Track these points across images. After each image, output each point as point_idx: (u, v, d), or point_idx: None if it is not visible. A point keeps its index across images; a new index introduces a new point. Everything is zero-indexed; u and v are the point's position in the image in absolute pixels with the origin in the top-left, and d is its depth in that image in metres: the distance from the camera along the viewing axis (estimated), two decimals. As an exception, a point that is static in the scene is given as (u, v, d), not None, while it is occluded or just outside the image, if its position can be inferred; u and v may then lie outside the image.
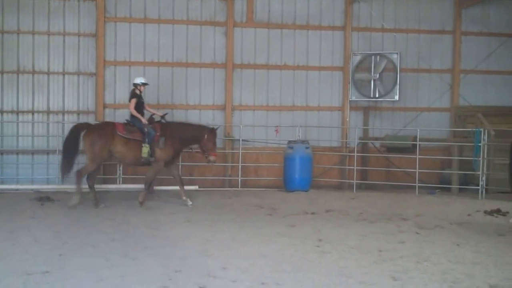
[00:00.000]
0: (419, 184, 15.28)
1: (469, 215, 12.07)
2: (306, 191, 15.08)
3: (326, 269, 7.54)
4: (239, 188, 15.78)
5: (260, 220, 11.19)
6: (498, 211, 12.16)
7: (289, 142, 15.64)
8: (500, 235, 10.02)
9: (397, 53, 17.12)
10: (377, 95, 17.12)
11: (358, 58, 17.16)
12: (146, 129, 12.61)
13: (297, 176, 15.22)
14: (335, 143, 17.31)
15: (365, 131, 17.27)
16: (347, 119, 17.31)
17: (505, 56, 18.08)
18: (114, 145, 12.53)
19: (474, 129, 15.36)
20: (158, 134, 12.66)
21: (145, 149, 12.55)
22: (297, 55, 17.14)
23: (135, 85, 13.09)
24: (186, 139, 12.95)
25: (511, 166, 11.29)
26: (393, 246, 8.97)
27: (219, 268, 7.47)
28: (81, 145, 12.67)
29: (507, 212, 12.10)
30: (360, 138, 16.98)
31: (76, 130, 12.70)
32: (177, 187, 13.33)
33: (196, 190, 14.89)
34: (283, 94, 17.05)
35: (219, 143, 14.95)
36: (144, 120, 12.81)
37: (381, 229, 10.35)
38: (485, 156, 14.77)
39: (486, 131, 14.88)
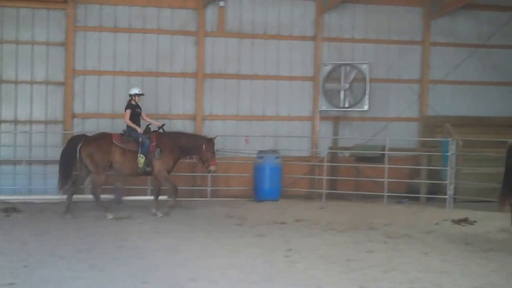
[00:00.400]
0: (388, 194, 15.38)
1: (437, 224, 12.18)
2: (275, 201, 15.08)
3: (295, 279, 7.52)
4: (209, 198, 15.71)
5: (230, 231, 11.15)
6: (465, 220, 12.29)
7: (259, 152, 15.65)
8: (467, 244, 10.11)
9: (367, 63, 17.27)
10: (347, 105, 17.24)
11: (328, 68, 17.28)
12: (140, 139, 12.61)
13: (267, 186, 15.23)
14: (305, 153, 17.36)
15: (335, 141, 17.38)
16: (317, 129, 17.41)
17: (473, 66, 18.37)
18: (113, 155, 12.57)
19: (442, 139, 15.54)
20: (153, 144, 12.66)
21: (141, 159, 12.59)
22: (268, 65, 17.20)
23: (130, 95, 13.12)
24: (183, 149, 13.08)
25: (505, 176, 11.27)
26: (362, 256, 8.99)
27: (188, 279, 7.40)
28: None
29: (475, 221, 12.23)
30: (330, 148, 17.06)
31: (73, 141, 12.76)
32: (146, 197, 13.28)
33: (164, 200, 14.79)
34: (253, 103, 17.09)
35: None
36: (139, 130, 12.80)
37: (350, 239, 10.37)
38: (453, 166, 14.94)
39: (454, 141, 15.06)
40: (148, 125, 13.12)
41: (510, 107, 18.69)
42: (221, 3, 16.65)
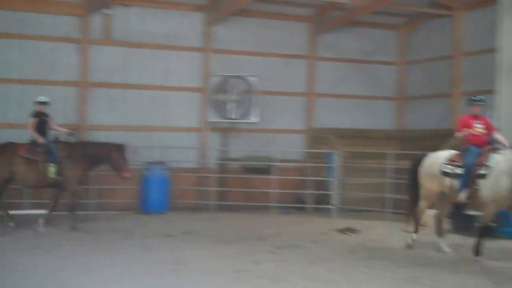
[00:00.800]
0: (276, 204, 15.56)
1: (323, 233, 12.45)
2: (163, 213, 14.84)
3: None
4: (93, 212, 15.12)
5: (115, 245, 10.80)
6: (349, 229, 12.65)
7: (146, 163, 15.34)
8: (351, 253, 10.38)
9: (255, 76, 17.44)
10: (236, 117, 17.29)
11: (217, 79, 17.28)
12: (47, 148, 12.25)
13: (154, 198, 14.99)
14: (194, 164, 17.22)
15: (224, 152, 17.38)
16: (206, 140, 17.33)
17: (356, 81, 19.05)
18: (15, 165, 12.11)
19: (328, 151, 15.94)
20: (62, 154, 12.33)
21: (51, 168, 12.21)
22: (156, 75, 16.94)
23: (36, 103, 12.77)
24: (93, 158, 12.79)
25: (410, 186, 11.65)
26: (250, 267, 8.99)
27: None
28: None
29: (359, 230, 12.61)
30: (219, 159, 17.04)
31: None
32: (24, 212, 12.66)
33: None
34: (141, 114, 16.73)
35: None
36: (41, 139, 12.37)
37: (238, 250, 10.37)
38: (338, 177, 15.35)
39: (339, 152, 15.48)
40: (57, 134, 12.84)
41: (390, 120, 19.56)
42: (107, 11, 16.23)
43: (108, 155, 12.84)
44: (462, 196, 10.17)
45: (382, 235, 12.22)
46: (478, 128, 10.43)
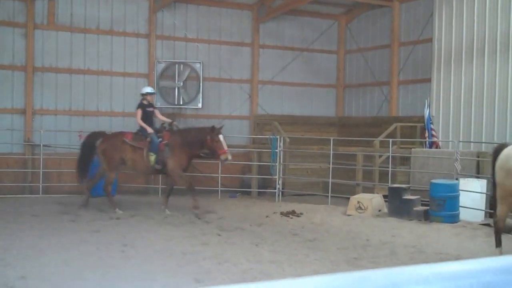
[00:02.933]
0: (221, 189, 15.87)
1: (267, 216, 12.75)
2: (112, 196, 14.89)
3: (130, 274, 7.55)
4: (41, 195, 15.16)
5: (63, 227, 10.89)
6: (292, 213, 13.03)
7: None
8: (294, 235, 10.70)
9: (200, 62, 17.66)
10: (181, 103, 17.52)
11: (162, 66, 17.42)
12: (150, 138, 12.46)
13: (102, 181, 14.99)
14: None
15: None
16: (153, 125, 17.47)
17: (297, 69, 19.49)
18: (124, 153, 12.52)
19: (271, 136, 16.34)
20: (163, 142, 12.46)
21: (151, 157, 12.44)
22: (101, 60, 16.96)
23: (142, 95, 13.17)
24: (192, 144, 12.69)
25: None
26: (197, 249, 9.21)
27: (18, 278, 7.20)
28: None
29: (301, 213, 13.01)
30: (165, 144, 17.20)
31: (92, 137, 13.12)
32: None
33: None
34: (87, 99, 16.75)
35: (19, 148, 14.35)
36: (149, 130, 12.63)
37: (185, 233, 10.58)
38: (281, 162, 15.78)
39: (281, 138, 15.91)
40: (162, 123, 13.07)
41: (330, 107, 20.12)
42: (52, -4, 16.14)
43: (203, 139, 12.63)
44: None
45: (323, 218, 12.55)
46: None
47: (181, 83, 17.38)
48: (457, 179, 12.58)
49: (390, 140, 14.51)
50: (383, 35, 18.72)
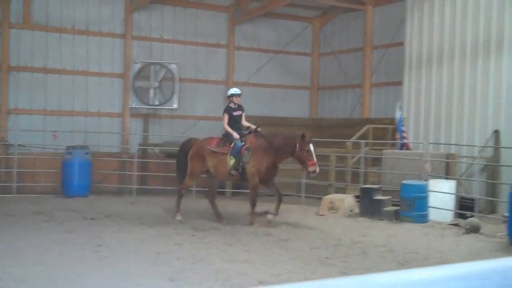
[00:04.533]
0: (196, 189, 15.94)
1: (241, 217, 12.68)
2: (85, 197, 14.97)
3: (105, 274, 7.56)
4: (14, 195, 15.11)
5: (37, 228, 10.85)
6: (266, 213, 13.04)
7: (68, 147, 15.40)
8: (267, 235, 10.76)
9: (175, 63, 17.75)
10: (157, 103, 17.59)
11: (138, 66, 17.48)
12: (233, 143, 11.82)
13: (76, 181, 15.06)
14: (116, 149, 17.41)
15: (145, 138, 17.63)
16: (128, 126, 17.52)
17: (272, 71, 19.68)
18: (207, 158, 12.08)
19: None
20: (244, 147, 11.70)
21: (230, 161, 11.73)
22: (77, 60, 16.98)
23: (228, 97, 12.43)
24: (277, 150, 11.60)
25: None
26: (171, 248, 9.23)
27: (-9, 278, 7.19)
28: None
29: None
30: (140, 144, 17.27)
31: (184, 145, 12.81)
32: None
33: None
34: (62, 98, 16.76)
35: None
36: (235, 135, 11.88)
37: (159, 233, 10.60)
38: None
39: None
40: (248, 128, 12.31)
41: (305, 109, 20.34)
42: (27, -5, 16.11)
43: (291, 146, 11.50)
44: None
45: (297, 219, 12.66)
46: None
47: (157, 84, 17.46)
48: (426, 180, 12.84)
49: (363, 141, 14.74)
50: (356, 38, 18.99)
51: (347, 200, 13.36)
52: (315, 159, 11.26)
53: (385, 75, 18.01)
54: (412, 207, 12.27)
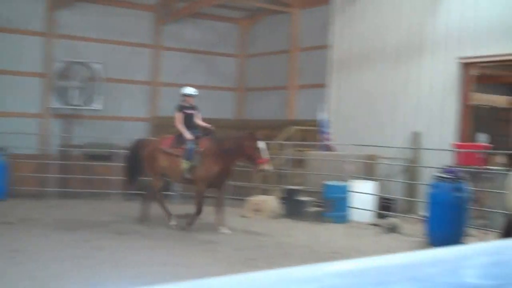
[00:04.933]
0: (118, 191, 15.67)
1: (164, 219, 12.66)
2: (2, 200, 14.44)
3: (21, 281, 7.35)
4: None
5: None
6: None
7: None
8: (191, 238, 10.74)
9: (100, 63, 17.38)
10: (79, 103, 17.18)
11: (61, 65, 17.02)
12: (186, 144, 11.26)
13: (-10, 185, 14.54)
14: (35, 151, 16.88)
15: (67, 139, 17.18)
16: (48, 126, 17.04)
17: (199, 71, 19.61)
18: (161, 160, 11.63)
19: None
20: (198, 150, 11.20)
21: (184, 164, 11.21)
22: (-5, 59, 16.40)
23: (182, 96, 12.04)
24: (227, 152, 11.07)
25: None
26: (91, 253, 9.05)
27: None
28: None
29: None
30: (61, 146, 16.83)
31: (135, 145, 12.43)
32: None
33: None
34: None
35: None
36: (188, 136, 11.39)
37: (78, 237, 10.37)
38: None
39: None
40: (204, 129, 11.79)
41: (231, 110, 20.36)
42: None
43: (241, 147, 11.00)
44: None
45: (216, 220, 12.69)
46: None
47: (80, 84, 17.05)
48: (348, 181, 13.08)
49: (288, 143, 14.88)
50: (282, 40, 19.15)
51: (271, 202, 13.45)
52: (265, 157, 10.80)
53: (310, 77, 18.23)
54: (333, 207, 12.47)
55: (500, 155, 13.47)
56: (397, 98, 14.75)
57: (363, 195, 12.81)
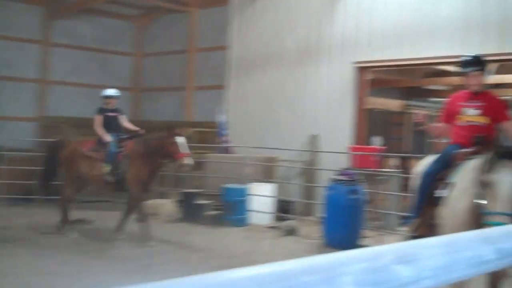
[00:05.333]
0: (3, 196, 14.77)
1: (53, 225, 12.03)
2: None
3: None
4: None
5: None
6: (82, 221, 12.45)
7: None
8: (82, 244, 10.33)
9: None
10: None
11: None
12: (108, 147, 10.43)
13: None
14: None
15: None
16: None
17: (92, 70, 18.90)
18: (80, 163, 10.79)
19: (60, 139, 15.54)
20: (122, 153, 10.49)
21: (104, 168, 10.35)
22: None
23: (103, 98, 11.31)
24: (152, 153, 10.34)
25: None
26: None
27: None
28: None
29: (91, 221, 12.54)
30: None
31: (52, 147, 11.54)
32: None
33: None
34: None
35: None
36: (107, 138, 10.70)
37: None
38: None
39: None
40: (132, 131, 10.97)
41: (125, 110, 19.62)
42: None
43: (162, 145, 10.38)
44: None
45: (114, 226, 12.27)
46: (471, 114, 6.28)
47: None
48: (247, 183, 12.99)
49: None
50: (180, 40, 18.85)
51: (168, 205, 13.17)
52: (183, 151, 10.20)
53: (209, 78, 18.03)
54: (233, 210, 12.35)
55: (394, 157, 13.88)
56: (296, 101, 14.84)
57: (262, 197, 12.76)
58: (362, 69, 13.80)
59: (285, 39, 15.13)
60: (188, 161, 10.30)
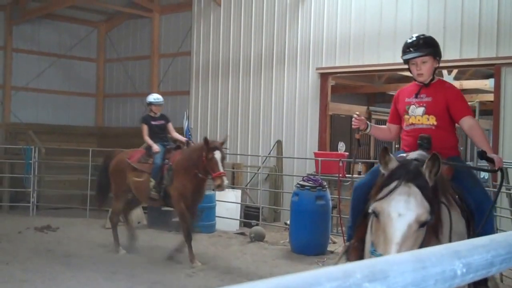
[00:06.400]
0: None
1: (19, 232, 11.98)
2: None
3: None
4: None
5: None
6: (48, 227, 12.42)
7: None
8: (49, 251, 10.24)
9: None
10: None
11: None
12: (154, 159, 9.83)
13: None
14: None
15: None
16: None
17: (55, 76, 18.69)
18: (128, 175, 10.08)
19: (25, 147, 15.41)
20: (167, 165, 9.71)
21: (150, 183, 9.74)
22: None
23: (147, 105, 10.64)
24: (197, 166, 9.39)
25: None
26: None
27: None
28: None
29: (57, 228, 12.46)
30: None
31: (105, 158, 10.92)
32: None
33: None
34: None
35: None
36: (155, 148, 9.90)
37: None
38: (36, 173, 14.96)
39: (37, 148, 15.09)
40: (176, 141, 10.26)
41: (90, 117, 19.62)
42: None
43: (200, 159, 9.35)
44: None
45: (81, 233, 12.18)
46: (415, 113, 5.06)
47: None
48: (213, 189, 13.01)
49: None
50: (143, 45, 18.79)
51: (135, 212, 13.09)
52: (220, 170, 9.20)
53: (172, 84, 18.02)
54: (200, 217, 12.35)
55: (358, 163, 14.11)
56: (261, 107, 14.97)
57: (228, 204, 12.82)
58: (325, 75, 13.99)
59: (249, 45, 15.26)
60: (225, 181, 9.39)
